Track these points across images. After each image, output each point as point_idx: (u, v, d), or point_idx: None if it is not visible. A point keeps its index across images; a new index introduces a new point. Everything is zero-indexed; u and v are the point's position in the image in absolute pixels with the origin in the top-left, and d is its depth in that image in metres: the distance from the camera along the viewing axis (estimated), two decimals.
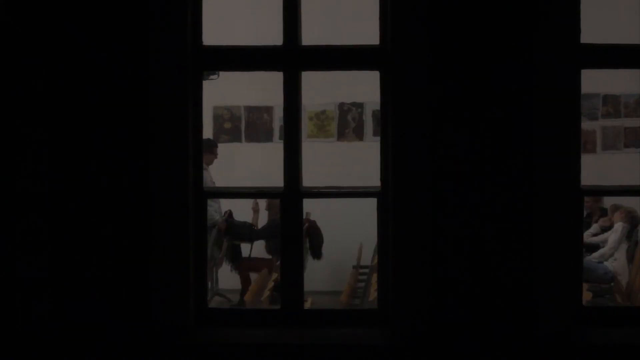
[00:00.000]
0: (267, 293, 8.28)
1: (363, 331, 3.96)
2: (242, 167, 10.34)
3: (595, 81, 8.44)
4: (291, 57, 3.95)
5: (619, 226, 9.13)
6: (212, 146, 9.76)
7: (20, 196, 3.84)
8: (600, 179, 5.24)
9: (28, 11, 3.81)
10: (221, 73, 7.24)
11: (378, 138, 4.05)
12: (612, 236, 9.16)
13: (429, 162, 3.81)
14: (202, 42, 3.95)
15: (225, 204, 9.97)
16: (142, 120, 3.85)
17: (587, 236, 9.16)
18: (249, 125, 11.33)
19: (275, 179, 4.40)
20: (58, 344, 3.89)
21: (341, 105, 11.22)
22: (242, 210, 10.03)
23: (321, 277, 9.89)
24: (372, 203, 4.00)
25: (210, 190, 5.17)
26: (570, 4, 3.80)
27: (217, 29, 5.41)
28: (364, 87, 7.58)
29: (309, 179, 4.23)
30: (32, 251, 3.86)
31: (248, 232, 10.00)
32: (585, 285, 6.60)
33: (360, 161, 9.92)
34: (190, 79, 3.91)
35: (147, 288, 3.87)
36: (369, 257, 9.45)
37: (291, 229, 4.00)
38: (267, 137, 11.28)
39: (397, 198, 3.84)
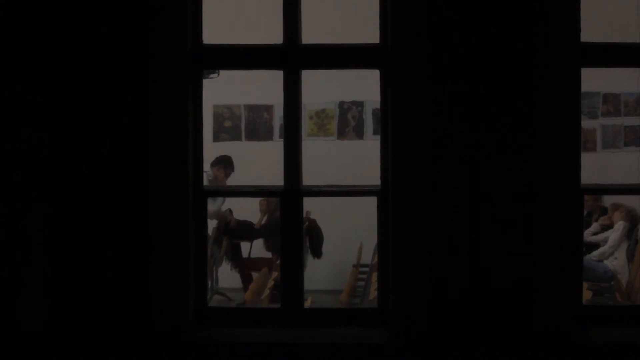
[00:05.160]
0: (267, 292, 8.28)
1: (363, 330, 3.96)
2: (242, 165, 10.34)
3: (595, 80, 8.46)
4: (291, 56, 3.95)
5: (619, 225, 9.14)
6: (225, 163, 9.84)
7: (19, 196, 3.84)
8: (600, 178, 5.22)
9: (28, 10, 3.80)
10: (221, 72, 7.24)
11: (378, 137, 4.04)
12: (613, 235, 9.17)
13: (429, 160, 3.81)
14: (202, 40, 3.95)
15: (225, 203, 9.98)
16: (142, 119, 3.85)
17: (587, 235, 9.17)
18: (249, 123, 11.34)
19: (276, 177, 4.40)
20: (58, 343, 3.89)
21: (341, 104, 11.23)
22: (242, 209, 10.04)
23: (321, 276, 9.90)
24: (372, 202, 4.00)
25: (210, 189, 5.17)
26: (571, 3, 3.80)
27: (217, 28, 5.41)
28: (364, 86, 7.60)
29: (309, 178, 4.23)
30: (32, 252, 3.86)
31: (248, 231, 10.01)
32: (585, 284, 6.60)
33: (360, 160, 9.93)
34: (190, 77, 3.91)
35: (147, 287, 3.87)
36: (369, 256, 9.46)
37: (291, 228, 4.00)
38: (267, 135, 11.29)
39: (397, 197, 3.84)
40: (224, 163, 9.88)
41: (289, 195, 3.99)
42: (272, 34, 4.41)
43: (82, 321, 3.89)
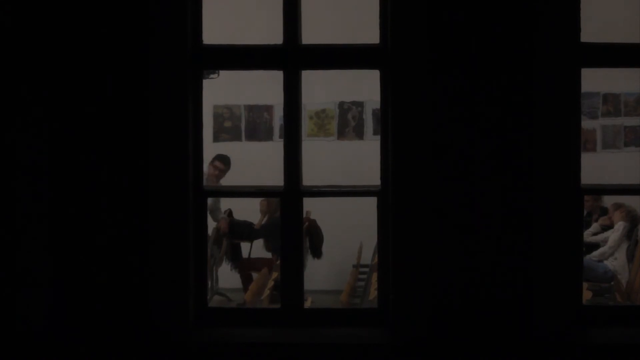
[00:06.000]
0: (267, 292, 8.28)
1: (363, 330, 3.96)
2: (242, 166, 10.34)
3: (595, 80, 8.46)
4: (291, 56, 3.95)
5: (619, 225, 9.13)
6: (219, 160, 9.84)
7: (20, 196, 3.84)
8: (601, 178, 5.23)
9: (29, 13, 3.80)
10: (221, 72, 7.24)
11: (378, 137, 4.04)
12: (613, 235, 9.16)
13: (429, 161, 3.81)
14: (202, 41, 3.95)
15: (225, 203, 9.98)
16: (142, 120, 3.85)
17: (587, 235, 9.16)
18: (249, 124, 11.33)
19: (276, 177, 4.40)
20: (57, 343, 3.89)
21: (341, 104, 11.23)
22: (242, 209, 10.03)
23: (321, 276, 9.90)
24: (372, 202, 4.00)
25: (211, 189, 5.17)
26: (570, 3, 3.80)
27: (217, 28, 5.41)
28: (364, 86, 7.60)
29: (309, 178, 4.23)
30: (32, 251, 3.86)
31: (248, 231, 10.01)
32: (585, 285, 6.60)
33: (360, 160, 9.93)
34: (190, 78, 3.91)
35: (147, 287, 3.87)
36: (369, 256, 9.45)
37: (291, 228, 4.00)
38: (267, 136, 11.28)
39: (397, 197, 3.84)
40: (219, 160, 9.88)
41: (289, 196, 3.99)
42: (272, 34, 4.41)
43: (82, 321, 3.89)
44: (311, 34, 4.36)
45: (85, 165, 3.86)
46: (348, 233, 10.04)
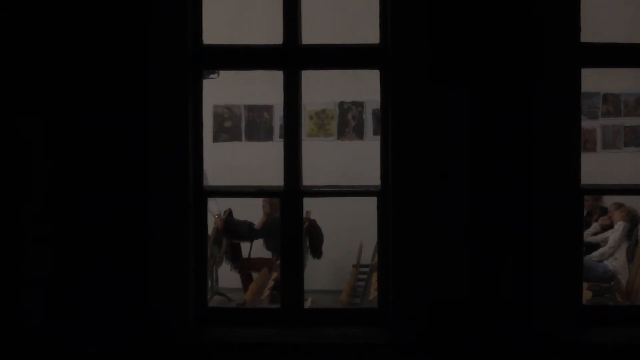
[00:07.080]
0: (267, 292, 8.28)
1: (363, 330, 3.96)
2: (242, 165, 10.34)
3: (595, 80, 8.47)
4: (291, 56, 3.95)
5: (619, 225, 9.13)
6: None
7: (21, 196, 3.84)
8: (600, 178, 5.23)
9: (28, 11, 3.80)
10: (221, 72, 7.24)
11: (378, 137, 4.05)
12: (613, 235, 9.16)
13: (429, 161, 3.81)
14: (202, 41, 3.95)
15: (225, 203, 9.98)
16: (142, 120, 3.85)
17: (587, 235, 9.16)
18: (249, 124, 11.33)
19: (276, 177, 4.40)
20: (58, 343, 3.89)
21: (341, 104, 11.23)
22: (242, 209, 10.04)
23: (321, 276, 9.90)
24: (372, 202, 4.00)
25: (211, 189, 5.16)
26: (571, 3, 3.80)
27: (217, 28, 5.42)
28: (364, 86, 7.59)
29: (309, 178, 4.23)
30: (33, 251, 3.86)
31: (247, 231, 10.01)
32: (585, 284, 6.60)
33: (361, 160, 9.93)
34: (190, 78, 3.91)
35: (147, 287, 3.87)
36: (369, 256, 9.45)
37: (291, 228, 4.00)
38: (268, 136, 11.28)
39: (397, 197, 3.84)
40: None
41: (289, 196, 3.99)
42: (272, 34, 4.42)
43: (82, 321, 3.89)
44: (311, 34, 4.36)
45: (85, 165, 3.86)
46: (348, 233, 10.04)
